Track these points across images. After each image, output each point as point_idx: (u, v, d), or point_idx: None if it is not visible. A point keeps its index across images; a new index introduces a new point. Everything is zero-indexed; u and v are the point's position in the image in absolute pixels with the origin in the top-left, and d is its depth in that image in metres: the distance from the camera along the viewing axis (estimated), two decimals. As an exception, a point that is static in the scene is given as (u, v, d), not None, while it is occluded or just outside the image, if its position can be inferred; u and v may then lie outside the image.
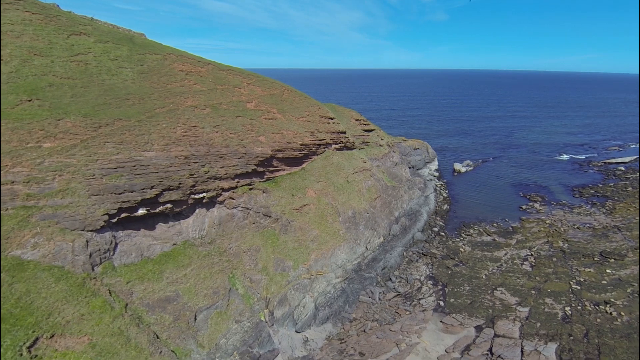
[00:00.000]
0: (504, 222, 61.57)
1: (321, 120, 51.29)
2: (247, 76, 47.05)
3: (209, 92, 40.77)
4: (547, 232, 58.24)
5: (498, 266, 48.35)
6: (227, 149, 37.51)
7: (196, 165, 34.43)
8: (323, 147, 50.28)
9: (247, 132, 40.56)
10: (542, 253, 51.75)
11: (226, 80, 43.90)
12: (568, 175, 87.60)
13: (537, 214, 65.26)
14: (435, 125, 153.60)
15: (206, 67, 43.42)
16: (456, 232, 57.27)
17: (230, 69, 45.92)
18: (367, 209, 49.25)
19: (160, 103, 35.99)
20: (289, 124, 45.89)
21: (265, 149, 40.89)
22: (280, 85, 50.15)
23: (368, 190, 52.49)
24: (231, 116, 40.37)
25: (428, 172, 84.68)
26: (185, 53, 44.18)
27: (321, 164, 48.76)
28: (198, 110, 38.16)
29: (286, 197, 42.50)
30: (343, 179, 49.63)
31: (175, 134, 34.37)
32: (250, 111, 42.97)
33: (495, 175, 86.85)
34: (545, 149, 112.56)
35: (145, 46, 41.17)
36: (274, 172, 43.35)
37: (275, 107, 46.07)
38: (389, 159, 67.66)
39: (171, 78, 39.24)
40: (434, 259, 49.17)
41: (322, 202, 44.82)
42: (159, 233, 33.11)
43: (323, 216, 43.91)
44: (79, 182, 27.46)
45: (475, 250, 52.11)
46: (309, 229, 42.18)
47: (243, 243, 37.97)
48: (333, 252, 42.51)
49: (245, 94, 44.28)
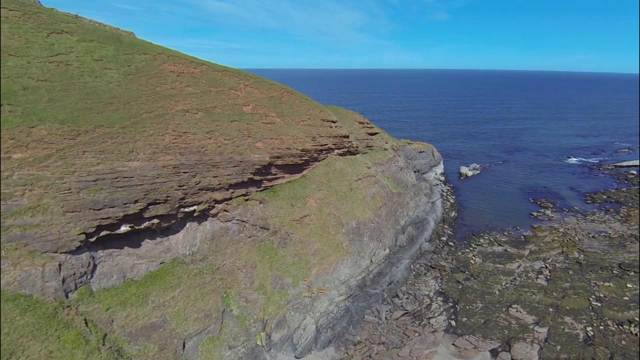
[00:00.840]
0: (515, 230, 58.47)
1: (323, 124, 48.29)
2: (244, 77, 44.04)
3: (202, 94, 37.78)
4: (561, 241, 55.13)
5: (512, 280, 45.28)
6: (221, 156, 34.52)
7: (186, 176, 31.44)
8: (325, 152, 47.28)
9: (243, 137, 37.56)
10: (557, 265, 48.67)
11: (221, 81, 40.91)
12: (578, 180, 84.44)
13: (550, 222, 62.14)
14: (439, 126, 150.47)
15: (199, 68, 40.43)
16: (465, 242, 54.20)
17: (225, 70, 42.93)
18: (372, 218, 46.22)
19: (147, 107, 33.01)
20: (289, 128, 42.88)
21: (262, 155, 37.89)
22: (280, 87, 47.14)
23: (373, 197, 49.46)
24: (226, 121, 37.38)
25: (434, 177, 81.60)
26: (177, 53, 41.21)
27: (323, 170, 45.76)
28: (189, 114, 35.18)
29: (285, 207, 39.51)
30: (346, 186, 46.61)
31: (163, 142, 31.39)
32: (247, 115, 39.98)
33: (504, 179, 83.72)
34: (553, 152, 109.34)
35: (133, 45, 38.20)
36: (273, 181, 40.36)
37: (274, 110, 43.07)
38: (394, 163, 64.61)
39: (161, 80, 36.25)
40: (443, 272, 46.11)
41: (324, 212, 41.81)
42: (145, 251, 30.12)
43: (325, 227, 40.91)
44: (52, 198, 24.49)
45: (486, 262, 49.02)
46: (310, 242, 39.19)
47: (238, 259, 34.98)
48: (336, 267, 39.52)
49: (241, 97, 41.28)
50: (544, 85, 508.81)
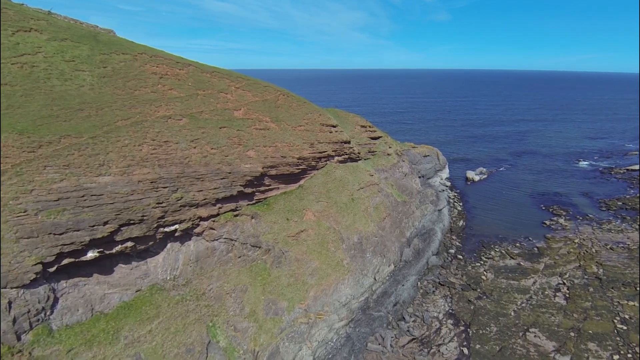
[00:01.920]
0: (528, 241, 54.73)
1: (322, 129, 44.63)
2: (236, 79, 40.43)
3: (187, 98, 34.18)
4: (578, 254, 51.38)
5: (527, 299, 41.57)
6: (207, 168, 30.90)
7: (166, 191, 27.82)
8: (324, 160, 43.62)
9: (233, 146, 33.94)
10: (575, 281, 44.94)
11: (210, 84, 37.32)
12: (591, 185, 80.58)
13: (563, 231, 58.37)
14: (442, 128, 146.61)
15: (186, 69, 36.86)
16: (475, 255, 50.47)
17: (215, 71, 39.32)
18: (375, 231, 42.54)
19: (123, 114, 29.41)
20: (284, 134, 39.25)
21: (254, 165, 34.26)
22: (275, 89, 43.50)
23: (376, 208, 45.78)
24: (214, 127, 33.76)
25: (439, 182, 77.87)
26: (162, 52, 37.59)
27: (322, 180, 42.11)
28: (172, 121, 31.58)
29: (280, 222, 35.87)
30: (347, 196, 42.95)
31: (140, 153, 27.79)
32: (238, 120, 36.36)
33: (512, 184, 79.91)
34: (562, 155, 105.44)
35: (111, 45, 34.62)
36: (266, 192, 36.73)
37: (268, 114, 39.44)
38: (398, 169, 60.91)
39: (140, 83, 32.65)
40: (453, 290, 42.42)
41: (323, 227, 38.16)
42: (118, 278, 26.50)
43: (324, 243, 37.26)
44: (3, 222, 20.90)
45: (499, 277, 45.31)
46: (307, 260, 35.55)
47: (226, 282, 31.35)
48: (336, 288, 35.86)
49: (232, 100, 37.67)
50: (546, 85, 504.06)
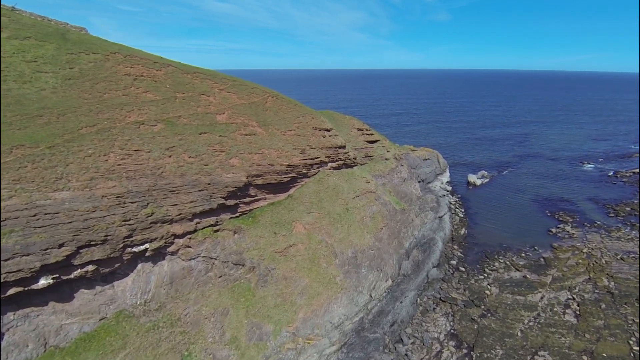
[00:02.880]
0: (533, 251, 51.72)
1: (314, 134, 41.63)
2: (220, 80, 37.43)
3: (164, 102, 31.19)
4: (587, 265, 48.39)
5: (535, 317, 38.58)
6: (183, 179, 27.90)
7: (134, 206, 24.82)
8: (316, 166, 40.63)
9: (214, 153, 30.94)
10: (585, 296, 41.95)
11: (190, 85, 34.33)
12: (596, 189, 77.60)
13: (570, 240, 55.37)
14: (443, 130, 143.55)
15: (164, 70, 33.86)
16: (478, 266, 47.47)
17: (197, 72, 36.32)
18: (372, 244, 39.54)
19: (89, 120, 26.41)
20: (273, 140, 36.25)
21: (238, 175, 31.26)
22: (263, 90, 40.49)
23: (372, 218, 42.78)
24: (193, 133, 30.77)
25: (440, 186, 74.87)
26: (138, 52, 34.57)
27: (313, 188, 39.10)
28: (145, 127, 28.58)
29: (266, 236, 32.88)
30: (341, 206, 39.95)
31: (105, 164, 24.79)
32: (221, 125, 33.37)
33: (515, 188, 76.91)
34: (566, 158, 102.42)
35: (80, 43, 31.62)
36: (251, 204, 33.74)
37: (255, 118, 36.45)
38: (397, 174, 57.93)
39: (111, 85, 29.65)
40: (455, 307, 39.42)
41: (314, 240, 35.16)
42: (79, 305, 23.51)
43: (315, 259, 34.26)
44: None
45: (504, 292, 42.30)
46: (297, 278, 32.55)
47: (205, 305, 28.35)
48: (327, 308, 32.85)
49: (215, 103, 34.68)
50: (546, 85, 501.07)
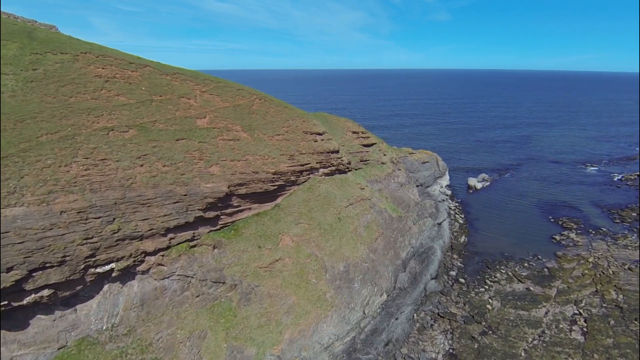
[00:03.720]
0: (537, 260, 49.24)
1: (305, 138, 39.14)
2: (203, 82, 34.93)
3: (137, 105, 28.71)
4: (593, 276, 45.93)
5: (539, 334, 36.12)
6: (156, 190, 25.42)
7: (98, 222, 22.35)
8: (306, 173, 38.15)
9: (193, 161, 28.46)
10: (592, 311, 39.50)
11: (169, 88, 31.86)
12: (601, 193, 75.10)
13: (575, 248, 52.89)
14: (442, 131, 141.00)
15: (140, 71, 31.37)
16: (479, 278, 44.99)
17: (178, 73, 33.81)
18: (366, 256, 37.06)
19: (50, 126, 23.94)
20: (259, 145, 33.76)
21: (218, 184, 28.78)
22: (250, 92, 37.97)
23: (367, 227, 40.32)
24: (169, 140, 28.29)
25: (439, 190, 72.38)
26: (113, 52, 32.04)
27: (303, 197, 36.62)
28: (115, 133, 26.10)
29: (250, 250, 30.40)
30: (333, 216, 37.47)
31: (66, 175, 22.32)
32: (201, 130, 30.88)
33: (517, 192, 74.40)
34: (568, 160, 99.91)
35: (48, 43, 29.13)
36: (234, 215, 31.27)
37: (239, 122, 33.95)
38: (393, 179, 55.46)
39: (79, 88, 27.16)
40: (454, 323, 36.95)
41: (303, 254, 32.69)
42: (35, 333, 21.03)
43: (303, 275, 31.79)
44: None
45: (506, 306, 39.82)
46: (283, 296, 30.09)
47: (180, 328, 25.87)
48: (316, 327, 30.38)
49: (195, 107, 32.20)
50: (547, 85, 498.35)
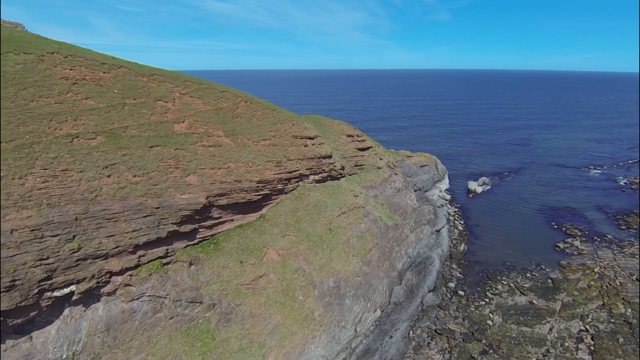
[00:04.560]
0: (540, 270, 46.90)
1: (294, 143, 36.85)
2: (183, 83, 32.64)
3: (108, 110, 26.42)
4: (599, 288, 43.58)
5: (544, 354, 33.78)
6: (124, 203, 23.13)
7: (55, 241, 20.06)
8: (295, 180, 35.84)
9: (167, 170, 26.18)
10: (600, 327, 37.16)
11: (144, 90, 29.58)
12: (605, 197, 72.72)
13: (580, 257, 50.53)
14: (442, 132, 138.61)
15: (113, 72, 29.08)
16: (479, 290, 42.66)
17: (156, 74, 31.50)
18: (358, 269, 34.73)
19: (5, 134, 21.63)
20: (242, 152, 31.46)
21: (195, 195, 26.49)
22: (234, 94, 35.65)
23: (360, 238, 38.00)
24: (141, 147, 25.99)
25: (438, 195, 70.05)
26: (84, 51, 29.70)
27: (291, 206, 34.31)
28: (80, 141, 23.82)
29: (231, 266, 28.10)
30: (323, 226, 35.16)
31: (20, 189, 20.04)
32: (178, 136, 28.58)
33: (518, 197, 72.03)
34: (571, 162, 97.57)
35: (10, 42, 26.82)
36: (214, 227, 28.97)
37: (221, 127, 31.65)
38: (390, 184, 53.13)
39: (41, 91, 24.88)
40: (453, 341, 34.62)
41: (289, 269, 30.38)
42: (-23, 367, 18.72)
43: (289, 291, 29.48)
44: None
45: (507, 322, 37.47)
46: (267, 315, 27.79)
47: (151, 354, 23.57)
48: (303, 349, 28.07)
49: (173, 110, 29.91)
50: (547, 85, 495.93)
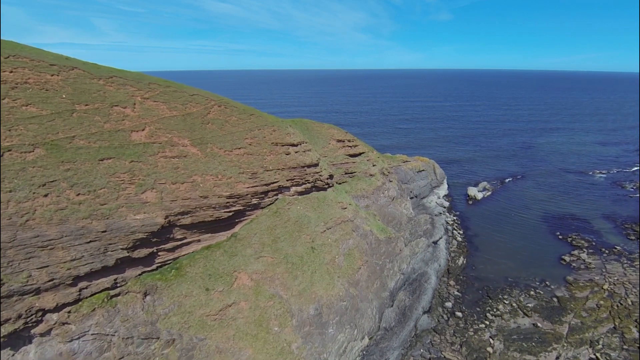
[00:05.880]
0: (545, 287, 43.42)
1: (274, 151, 33.45)
2: (147, 86, 29.23)
3: (52, 117, 23.08)
4: (610, 308, 40.11)
5: (551, 386, 30.31)
6: (62, 227, 19.78)
7: (-35, 277, 16.68)
8: (273, 193, 32.45)
9: (119, 187, 22.82)
10: (612, 355, 33.75)
11: (99, 94, 26.21)
12: (611, 203, 69.20)
13: (587, 272, 47.00)
14: (441, 134, 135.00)
15: (63, 74, 25.63)
16: (479, 310, 39.19)
17: (115, 76, 28.03)
18: (344, 292, 31.29)
19: None
20: (211, 163, 28.08)
21: (152, 215, 23.14)
22: (206, 97, 32.20)
23: (348, 255, 34.59)
24: (89, 160, 22.65)
25: (436, 201, 66.58)
26: (32, 51, 26.16)
27: (267, 223, 30.88)
28: (13, 154, 20.48)
29: (195, 294, 24.71)
30: (305, 245, 31.75)
31: None
32: (136, 146, 25.22)
33: (521, 203, 68.48)
34: (575, 166, 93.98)
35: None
36: (176, 250, 25.61)
37: (188, 135, 28.26)
38: (383, 193, 49.73)
39: (-31, 95, 21.58)
40: (449, 372, 31.19)
41: (264, 296, 26.98)
42: None
43: (263, 322, 26.07)
44: None
45: (510, 349, 34.00)
46: (236, 350, 24.40)
47: (93, 404, 20.18)
48: (277, 388, 24.66)
49: (132, 117, 26.54)
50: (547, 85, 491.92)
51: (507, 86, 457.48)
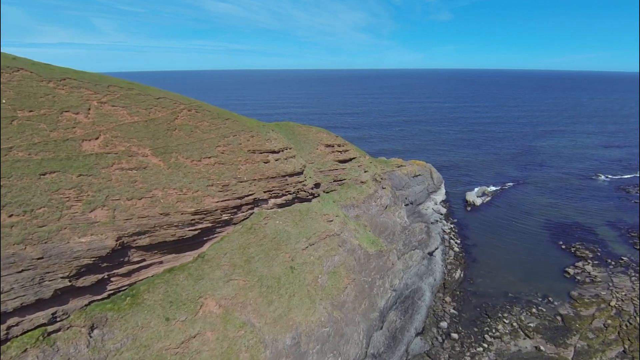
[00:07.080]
0: (547, 304, 40.48)
1: (250, 159, 30.54)
2: (105, 89, 26.30)
3: (-14, 125, 20.24)
4: (618, 328, 37.18)
5: (555, 421, 27.35)
6: (-15, 256, 16.82)
7: None
8: (248, 207, 29.52)
9: (63, 205, 19.93)
10: (623, 383, 30.70)
11: (48, 99, 23.37)
12: (616, 209, 66.29)
13: (593, 286, 44.05)
14: (439, 136, 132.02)
15: (6, 77, 22.74)
16: (476, 331, 36.24)
17: (68, 78, 25.12)
18: (327, 317, 28.35)
19: None
20: (175, 174, 25.18)
21: (100, 236, 20.24)
22: (175, 101, 29.24)
23: (332, 274, 31.66)
24: (28, 175, 19.76)
25: (432, 208, 63.65)
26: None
27: (240, 241, 27.95)
28: None
29: (153, 325, 21.78)
30: (283, 265, 28.83)
31: None
32: (87, 158, 22.33)
33: (522, 210, 65.52)
34: (577, 168, 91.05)
35: None
36: (132, 275, 22.71)
37: (150, 143, 25.37)
38: (375, 201, 46.79)
39: None
40: (442, 404, 28.26)
41: (233, 325, 24.06)
42: None
43: (231, 354, 23.15)
44: None
45: (510, 376, 31.06)
46: (199, 389, 21.45)
47: None
48: None
49: (85, 124, 23.68)
50: (548, 85, 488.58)
51: (507, 86, 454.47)
